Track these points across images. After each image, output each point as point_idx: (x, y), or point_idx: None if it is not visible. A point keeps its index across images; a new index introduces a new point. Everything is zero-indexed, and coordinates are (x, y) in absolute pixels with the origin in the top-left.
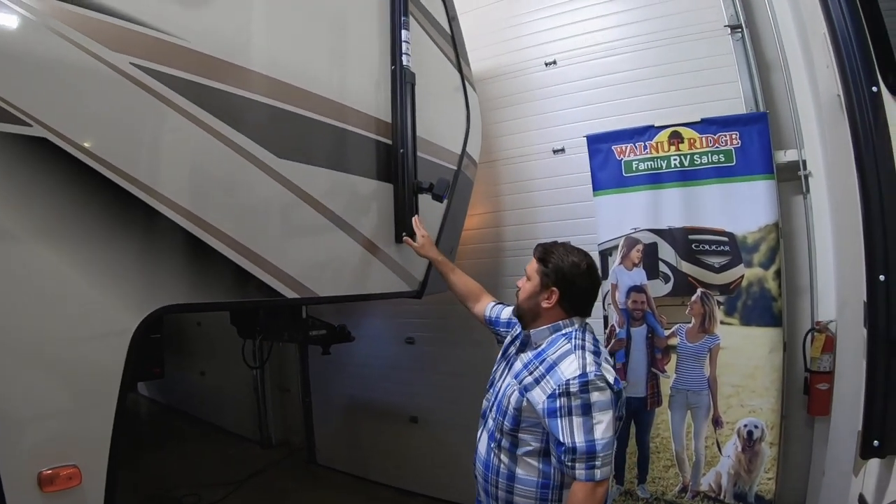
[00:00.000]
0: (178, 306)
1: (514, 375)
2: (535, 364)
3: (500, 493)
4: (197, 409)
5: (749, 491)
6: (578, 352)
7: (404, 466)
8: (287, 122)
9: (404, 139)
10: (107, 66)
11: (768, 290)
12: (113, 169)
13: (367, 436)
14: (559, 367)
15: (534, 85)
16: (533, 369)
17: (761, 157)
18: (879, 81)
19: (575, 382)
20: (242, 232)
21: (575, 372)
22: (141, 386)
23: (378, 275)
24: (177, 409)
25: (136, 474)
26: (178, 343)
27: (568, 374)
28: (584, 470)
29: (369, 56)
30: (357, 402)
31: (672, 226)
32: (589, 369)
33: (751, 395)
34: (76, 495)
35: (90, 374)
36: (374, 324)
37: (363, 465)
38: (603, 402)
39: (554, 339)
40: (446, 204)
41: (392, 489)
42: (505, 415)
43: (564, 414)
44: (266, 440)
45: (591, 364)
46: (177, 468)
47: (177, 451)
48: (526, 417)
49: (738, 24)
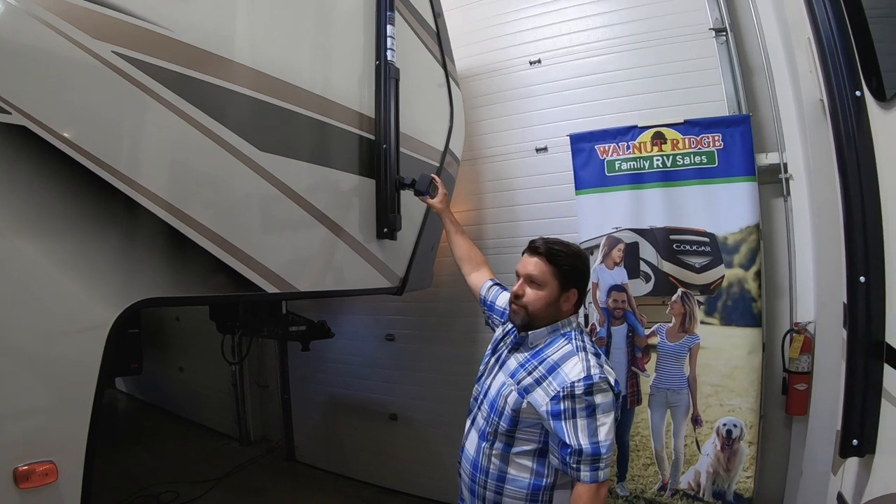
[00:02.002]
0: (156, 300)
1: (509, 374)
2: (533, 364)
3: (487, 493)
4: (175, 405)
5: (728, 489)
6: (581, 353)
7: (384, 464)
8: (270, 115)
9: (387, 135)
10: (88, 53)
11: (748, 290)
12: (93, 159)
13: (347, 433)
14: (562, 368)
15: (518, 83)
16: (532, 369)
17: (743, 160)
18: (863, 86)
19: (580, 385)
20: (223, 225)
21: (580, 374)
22: (119, 382)
23: (359, 270)
24: (155, 406)
25: (113, 471)
26: (156, 338)
27: (573, 377)
28: (588, 472)
29: (354, 51)
30: (336, 399)
31: (654, 226)
32: (593, 371)
33: (730, 394)
34: (52, 491)
35: (66, 369)
36: (354, 320)
37: (343, 462)
38: (606, 404)
39: (553, 340)
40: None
41: (372, 487)
42: (501, 415)
43: (569, 416)
44: (245, 437)
45: (596, 367)
46: (154, 465)
47: (154, 448)
48: (524, 419)
49: (722, 27)
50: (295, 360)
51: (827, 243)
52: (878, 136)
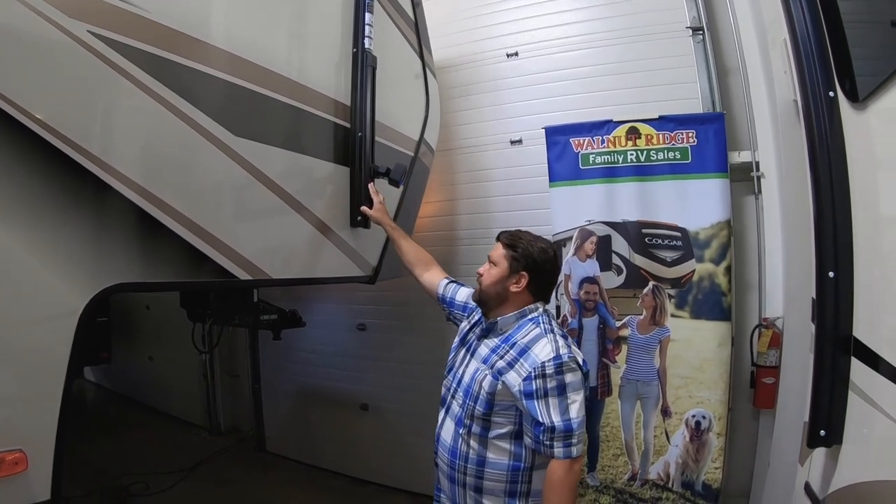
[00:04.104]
0: (127, 285)
1: (481, 360)
2: (504, 348)
3: (468, 479)
4: (145, 395)
5: (696, 480)
6: (550, 335)
7: (354, 454)
8: (245, 99)
9: (363, 123)
10: (63, 32)
11: (718, 285)
12: (65, 140)
13: (318, 423)
14: (532, 350)
15: (495, 75)
16: (503, 353)
17: (716, 157)
18: (836, 87)
19: (550, 364)
20: (195, 209)
21: (549, 354)
22: (88, 371)
23: (332, 258)
24: (124, 395)
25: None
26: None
27: (542, 357)
28: (561, 448)
29: (331, 37)
30: (307, 389)
31: (626, 219)
32: (562, 351)
33: (699, 386)
34: (22, 480)
35: (36, 357)
36: (325, 309)
37: (313, 452)
38: (576, 382)
39: (522, 325)
40: (402, 189)
41: (343, 477)
42: (477, 399)
43: (541, 395)
44: (215, 427)
45: (564, 347)
46: (124, 456)
47: (124, 438)
48: (499, 401)
49: (699, 26)
50: (266, 349)
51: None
52: (850, 136)
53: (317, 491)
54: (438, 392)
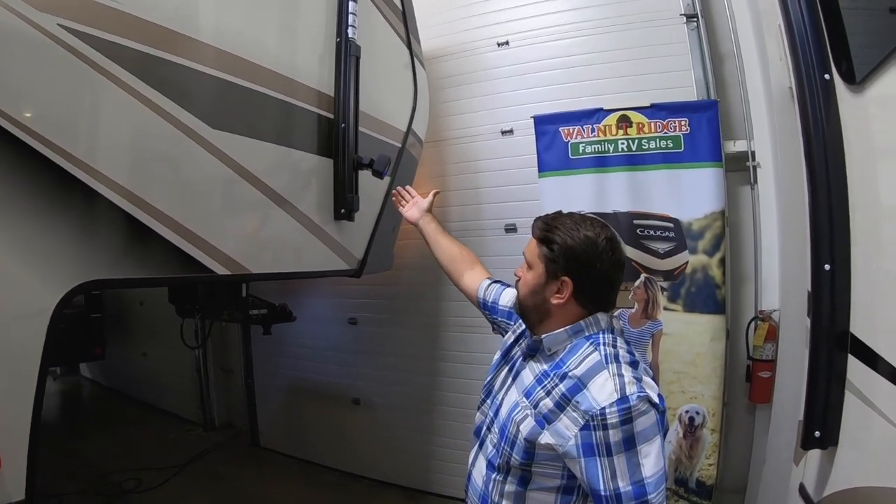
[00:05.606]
0: (99, 282)
1: (522, 392)
2: (553, 381)
3: None
4: (139, 391)
5: (690, 476)
6: (612, 366)
7: (347, 449)
8: (223, 91)
9: (346, 114)
10: (31, 26)
11: (712, 277)
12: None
13: (310, 418)
14: (589, 389)
15: (485, 65)
16: (551, 388)
17: (710, 145)
18: (832, 69)
19: (614, 412)
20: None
21: (612, 396)
22: (82, 367)
23: (315, 252)
24: (118, 391)
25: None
26: (119, 323)
27: (602, 400)
28: None
29: (314, 27)
30: (299, 384)
31: (617, 210)
32: (629, 391)
33: (693, 381)
34: None
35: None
36: (316, 304)
37: (306, 448)
38: (649, 428)
39: (576, 345)
40: (389, 181)
41: (335, 472)
42: (513, 446)
43: (603, 453)
44: (209, 423)
45: (632, 383)
46: (117, 451)
47: (118, 434)
48: (542, 451)
49: (693, 13)
50: (258, 344)
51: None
52: (847, 119)
53: (309, 486)
54: (430, 385)
